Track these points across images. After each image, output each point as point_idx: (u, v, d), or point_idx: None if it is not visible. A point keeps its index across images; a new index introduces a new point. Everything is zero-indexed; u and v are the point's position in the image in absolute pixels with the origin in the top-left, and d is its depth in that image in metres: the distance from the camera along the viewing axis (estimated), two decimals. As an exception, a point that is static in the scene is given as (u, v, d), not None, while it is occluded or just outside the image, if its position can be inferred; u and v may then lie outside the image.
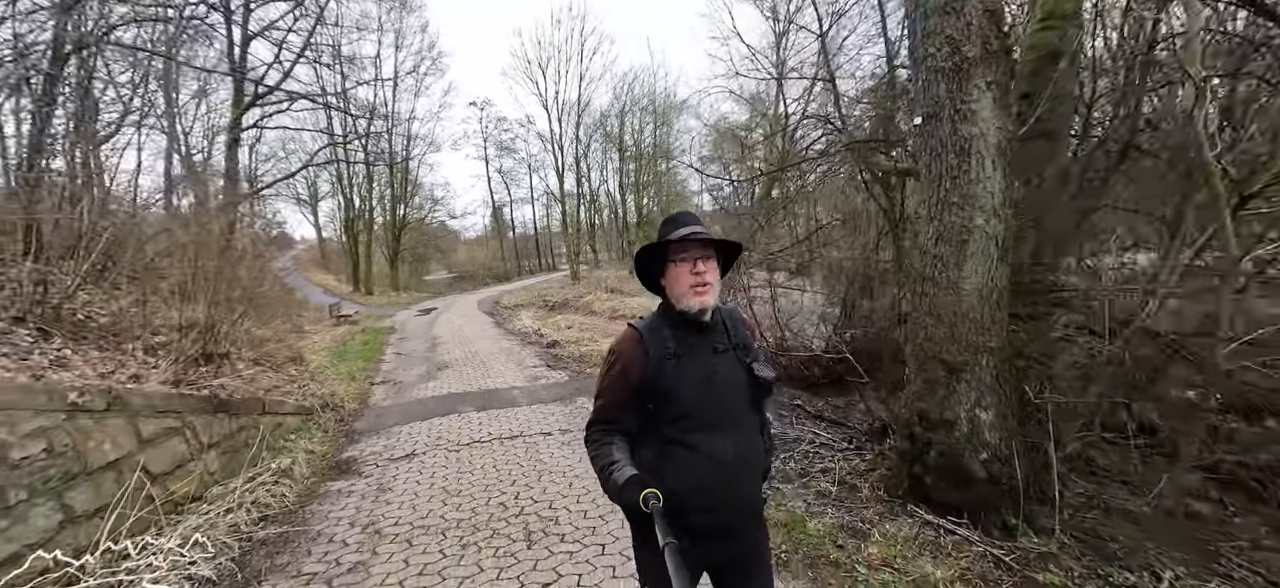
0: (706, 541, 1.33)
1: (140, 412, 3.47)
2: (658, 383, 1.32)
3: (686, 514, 1.27)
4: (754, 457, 1.44)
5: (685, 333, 1.37)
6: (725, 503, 1.36)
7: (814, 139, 8.56)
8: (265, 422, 4.76)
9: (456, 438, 5.03)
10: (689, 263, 1.34)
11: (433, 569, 2.88)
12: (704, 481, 1.33)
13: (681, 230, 1.37)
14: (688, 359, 1.35)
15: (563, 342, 10.46)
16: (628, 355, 1.36)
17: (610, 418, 1.38)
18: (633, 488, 1.22)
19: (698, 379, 1.35)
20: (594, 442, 1.39)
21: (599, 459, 1.34)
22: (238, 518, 3.47)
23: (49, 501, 2.79)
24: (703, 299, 1.35)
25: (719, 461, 1.34)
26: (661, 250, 1.38)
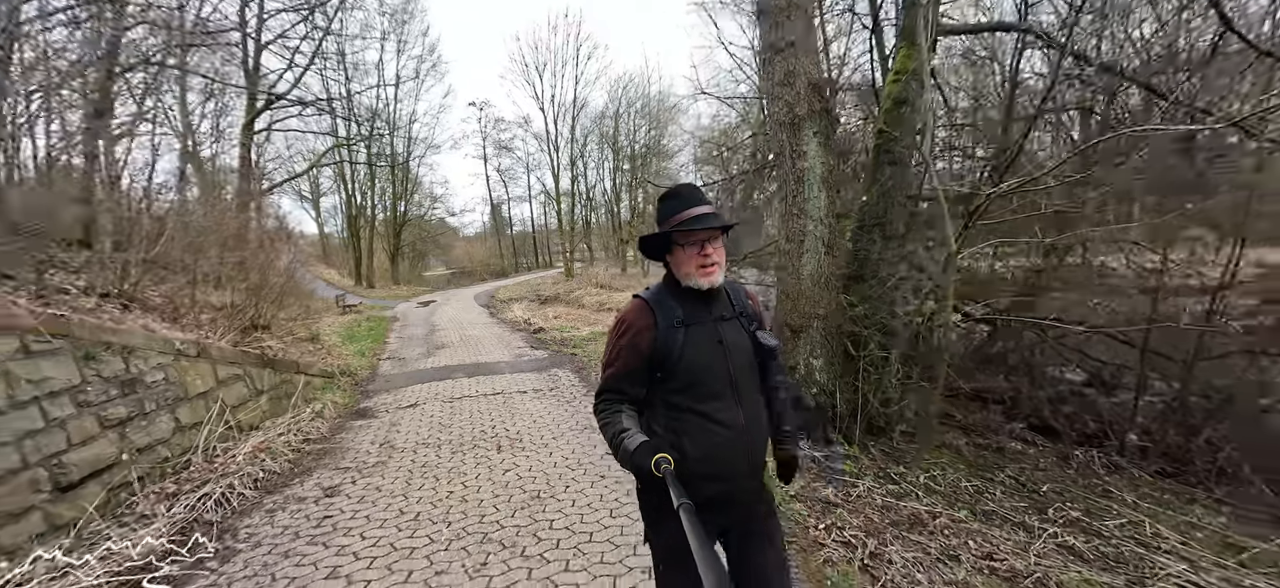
0: (717, 508, 1.34)
1: (217, 360, 4.73)
2: (667, 351, 1.34)
3: (698, 482, 1.25)
4: (761, 423, 1.45)
5: (691, 303, 1.40)
6: (737, 470, 1.38)
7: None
8: (299, 379, 6.02)
9: (450, 394, 6.29)
10: (696, 247, 1.37)
11: (431, 467, 4.13)
12: (717, 448, 1.34)
13: (687, 213, 1.38)
14: (696, 327, 1.37)
15: (548, 329, 11.71)
16: (637, 325, 1.38)
17: (619, 387, 1.39)
18: (644, 453, 1.22)
19: (706, 346, 1.37)
20: (603, 411, 1.40)
21: (610, 428, 1.35)
22: (288, 439, 4.72)
23: (166, 412, 4.05)
24: (712, 279, 1.38)
25: (731, 427, 1.35)
26: (666, 233, 1.40)
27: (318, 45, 18.47)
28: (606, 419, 1.38)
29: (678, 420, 1.35)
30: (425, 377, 7.43)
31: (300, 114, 19.46)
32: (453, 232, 46.38)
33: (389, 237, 34.15)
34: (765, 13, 3.86)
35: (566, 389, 6.25)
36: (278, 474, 4.09)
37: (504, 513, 3.29)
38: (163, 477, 3.74)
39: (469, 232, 47.91)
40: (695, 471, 1.27)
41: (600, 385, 1.43)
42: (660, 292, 1.43)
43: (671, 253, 1.41)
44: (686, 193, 1.44)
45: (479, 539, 3.00)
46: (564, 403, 5.64)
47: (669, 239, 1.39)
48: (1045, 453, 4.99)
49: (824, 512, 3.21)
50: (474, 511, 3.35)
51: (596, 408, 1.43)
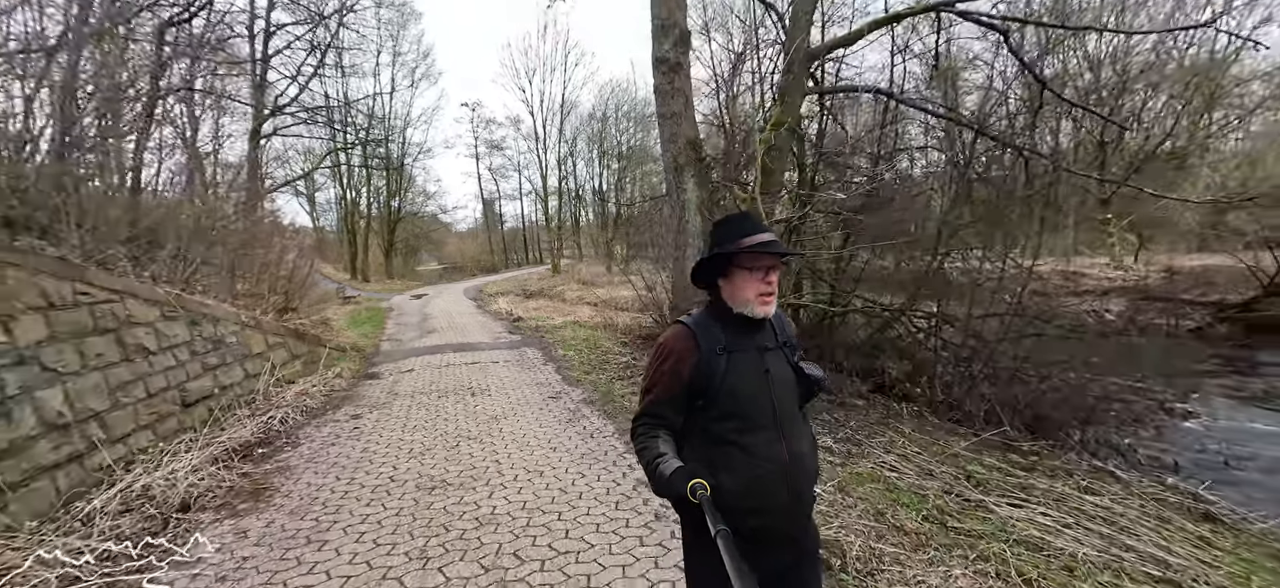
0: (759, 544, 1.29)
1: (267, 332, 6.47)
2: (710, 379, 1.31)
3: (740, 516, 1.20)
4: (807, 458, 1.41)
5: (736, 331, 1.37)
6: (780, 506, 1.34)
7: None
8: (322, 350, 7.75)
9: (438, 363, 8.04)
10: (760, 272, 1.35)
11: (424, 404, 5.88)
12: (757, 481, 1.30)
13: (755, 237, 1.34)
14: (740, 356, 1.35)
15: (526, 318, 13.45)
16: (680, 350, 1.35)
17: (659, 413, 1.36)
18: (681, 478, 1.18)
19: (750, 375, 1.34)
20: (641, 435, 1.36)
21: (647, 452, 1.30)
22: (319, 389, 6.45)
23: (238, 365, 5.78)
24: (769, 308, 1.37)
25: (775, 462, 1.32)
26: (731, 254, 1.35)
27: (321, 58, 20.07)
28: (644, 444, 1.33)
29: (717, 451, 1.32)
30: (419, 352, 9.18)
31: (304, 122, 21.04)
32: (445, 228, 47.96)
33: (383, 233, 35.70)
34: (659, 93, 5.60)
35: (530, 360, 8.02)
36: (315, 409, 5.83)
37: (471, 426, 5.06)
38: (240, 407, 5.48)
39: (461, 227, 49.43)
40: (733, 504, 1.22)
41: (639, 410, 1.40)
42: (704, 318, 1.40)
43: (728, 277, 1.38)
44: (750, 219, 1.45)
45: (454, 438, 4.77)
46: (525, 368, 7.42)
47: (728, 263, 1.36)
48: (873, 407, 6.81)
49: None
50: (452, 425, 5.12)
51: (634, 433, 1.39)
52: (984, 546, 2.89)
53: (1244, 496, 4.70)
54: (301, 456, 4.47)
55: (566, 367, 7.43)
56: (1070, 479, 4.61)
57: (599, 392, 6.07)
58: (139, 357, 4.44)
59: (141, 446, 4.18)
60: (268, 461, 4.36)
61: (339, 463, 4.29)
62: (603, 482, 3.70)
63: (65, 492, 3.47)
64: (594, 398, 5.86)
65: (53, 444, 3.50)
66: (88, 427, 3.80)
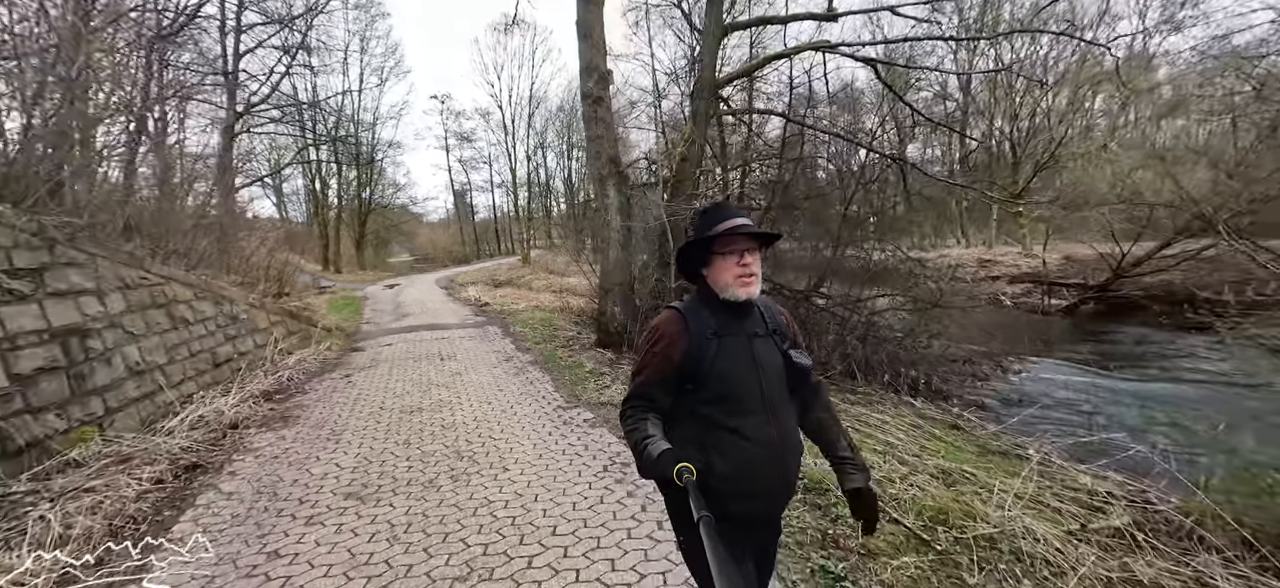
0: (746, 527, 1.32)
1: (269, 311, 7.85)
2: (699, 360, 1.35)
3: (727, 499, 1.24)
4: (794, 443, 1.44)
5: (725, 316, 1.40)
6: (769, 489, 1.39)
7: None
8: (313, 329, 9.13)
9: (413, 339, 9.52)
10: (735, 255, 1.38)
11: (402, 366, 7.38)
12: (748, 464, 1.33)
13: (728, 223, 1.38)
14: (730, 340, 1.38)
15: (492, 305, 14.91)
16: (671, 334, 1.38)
17: (648, 395, 1.38)
18: (667, 460, 1.20)
19: (739, 359, 1.38)
20: (630, 417, 1.38)
21: (635, 434, 1.33)
22: (315, 358, 7.88)
23: (249, 338, 7.18)
24: (750, 289, 1.39)
25: (764, 444, 1.36)
26: (706, 243, 1.39)
27: (291, 60, 20.92)
28: (633, 425, 1.36)
29: (707, 435, 1.34)
30: (396, 331, 10.62)
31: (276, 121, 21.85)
32: (416, 219, 48.51)
33: (354, 224, 36.31)
34: (586, 119, 7.14)
35: (491, 335, 9.57)
36: (314, 371, 7.29)
37: (440, 378, 6.61)
38: (255, 368, 6.90)
39: (433, 218, 50.01)
40: (724, 488, 1.25)
41: (629, 392, 1.43)
42: (694, 303, 1.44)
43: (709, 266, 1.42)
44: (725, 206, 1.48)
45: (426, 385, 6.32)
46: (486, 341, 8.97)
47: (708, 252, 1.40)
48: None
49: (610, 365, 6.63)
50: (424, 378, 6.66)
51: (623, 414, 1.41)
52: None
53: (995, 418, 6.60)
54: (310, 399, 5.96)
55: (521, 340, 9.01)
56: (878, 407, 6.43)
57: (544, 355, 7.67)
58: (182, 327, 5.85)
59: (189, 391, 5.62)
60: (286, 401, 5.84)
61: (340, 402, 5.80)
62: (533, 407, 5.32)
63: (146, 418, 4.91)
64: (538, 360, 7.46)
65: (135, 384, 4.94)
66: (155, 375, 5.24)
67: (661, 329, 1.42)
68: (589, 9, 7.06)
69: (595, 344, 7.86)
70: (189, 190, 11.96)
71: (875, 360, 8.13)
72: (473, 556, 2.81)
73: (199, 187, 14.23)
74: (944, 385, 8.32)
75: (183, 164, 11.43)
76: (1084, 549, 3.03)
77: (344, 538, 3.05)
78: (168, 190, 10.85)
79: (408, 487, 3.67)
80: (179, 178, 10.98)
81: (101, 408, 4.49)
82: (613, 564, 2.68)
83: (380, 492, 3.61)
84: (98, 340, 4.63)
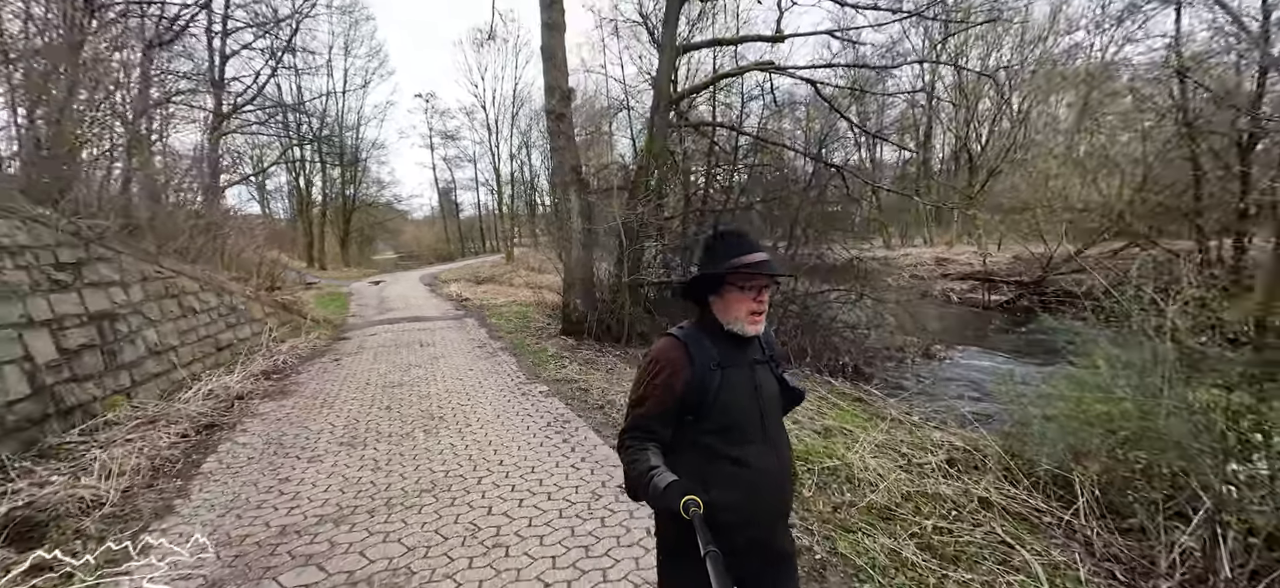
0: (743, 554, 1.30)
1: (263, 303, 8.67)
2: (703, 394, 1.33)
3: (729, 530, 1.22)
4: (789, 468, 1.48)
5: (728, 346, 1.39)
6: (769, 516, 1.39)
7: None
8: (303, 320, 9.95)
9: (397, 329, 10.38)
10: (752, 292, 1.36)
11: (385, 351, 8.25)
12: (750, 493, 1.33)
13: (749, 257, 1.35)
14: (732, 370, 1.37)
15: (473, 300, 15.76)
16: (674, 364, 1.35)
17: (649, 427, 1.35)
18: (674, 493, 1.18)
19: (742, 389, 1.37)
20: (630, 448, 1.35)
21: (637, 465, 1.30)
22: (306, 345, 8.72)
23: (247, 326, 8.01)
24: (759, 327, 1.39)
25: (766, 473, 1.36)
26: (721, 274, 1.36)
27: (277, 62, 21.49)
28: (634, 457, 1.31)
29: (710, 467, 1.32)
30: (380, 323, 11.46)
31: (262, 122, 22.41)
32: (401, 216, 48.87)
33: (339, 222, 36.74)
34: (550, 133, 8.06)
35: (468, 326, 10.46)
36: (306, 356, 8.14)
37: (419, 361, 7.50)
38: (253, 352, 7.73)
39: (418, 216, 50.37)
40: (725, 519, 1.22)
41: (628, 423, 1.39)
42: (694, 332, 1.41)
43: (720, 294, 1.38)
44: (746, 236, 1.44)
45: (406, 366, 7.21)
46: (463, 331, 9.87)
47: (721, 281, 1.36)
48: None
49: (572, 350, 7.58)
50: (405, 361, 7.55)
51: (622, 446, 1.37)
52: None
53: (892, 389, 7.67)
54: (304, 377, 6.83)
55: (495, 329, 9.92)
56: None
57: (514, 343, 8.60)
58: (190, 315, 6.69)
59: (197, 371, 6.46)
60: (283, 379, 6.71)
61: (331, 379, 6.69)
62: (498, 382, 6.26)
63: (163, 391, 5.76)
64: (508, 346, 8.39)
65: (154, 362, 5.79)
66: (170, 355, 6.08)
67: (663, 359, 1.37)
68: (552, 35, 7.99)
69: (560, 332, 8.80)
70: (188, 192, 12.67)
71: (812, 346, 9.18)
72: (437, 478, 3.76)
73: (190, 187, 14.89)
74: (868, 368, 9.40)
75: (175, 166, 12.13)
76: (900, 475, 4.05)
77: (338, 469, 3.97)
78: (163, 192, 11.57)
79: (388, 437, 4.59)
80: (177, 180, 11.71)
81: (129, 380, 5.34)
82: (541, 481, 3.65)
83: (366, 440, 4.53)
84: (124, 324, 5.47)
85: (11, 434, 3.99)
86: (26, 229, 4.66)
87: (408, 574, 2.67)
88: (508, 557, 2.79)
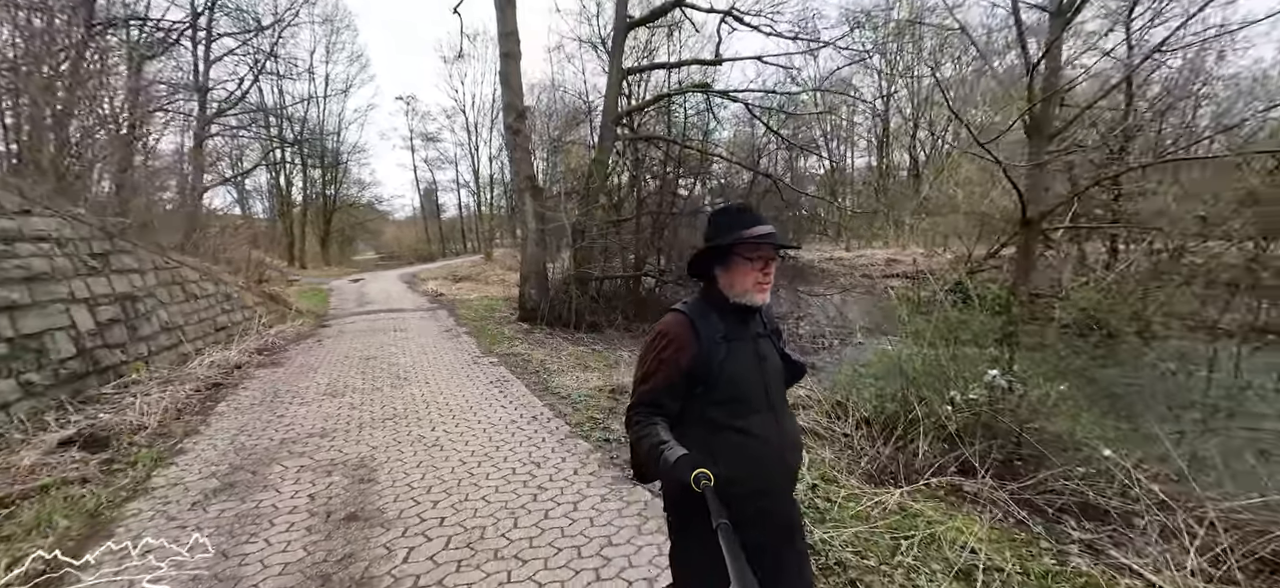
0: (755, 524, 1.31)
1: (254, 293, 9.80)
2: (710, 366, 1.35)
3: (737, 500, 1.22)
4: (795, 439, 1.48)
5: (733, 320, 1.41)
6: (775, 485, 1.42)
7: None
8: (289, 310, 11.07)
9: (374, 318, 11.55)
10: (759, 263, 1.38)
11: (361, 338, 9.44)
12: (756, 464, 1.36)
13: (755, 230, 1.38)
14: (737, 343, 1.39)
15: (447, 295, 16.92)
16: (680, 339, 1.37)
17: (657, 401, 1.37)
18: (685, 466, 1.19)
19: (747, 362, 1.39)
20: (638, 424, 1.36)
21: (647, 440, 1.30)
22: (292, 330, 9.86)
23: (240, 312, 9.15)
24: (765, 296, 1.41)
25: (771, 443, 1.38)
26: (729, 245, 1.38)
27: (261, 67, 22.40)
28: (644, 431, 1.32)
29: (717, 438, 1.35)
30: (359, 313, 12.61)
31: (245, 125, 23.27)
32: (382, 217, 49.43)
33: (319, 222, 37.39)
34: (508, 145, 9.31)
35: (439, 316, 11.67)
36: (293, 338, 9.29)
37: (392, 342, 8.72)
38: (246, 334, 8.87)
39: (399, 216, 50.94)
40: (733, 490, 1.22)
41: (635, 399, 1.40)
42: (700, 306, 1.43)
43: (727, 267, 1.41)
44: (749, 210, 1.47)
45: (381, 345, 8.42)
46: (434, 320, 11.09)
47: (728, 253, 1.39)
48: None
49: (525, 333, 8.85)
50: (379, 342, 8.75)
51: (630, 421, 1.39)
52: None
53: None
54: (292, 353, 8.02)
55: (462, 318, 11.14)
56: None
57: (476, 328, 9.85)
58: (192, 300, 7.83)
59: (200, 346, 7.60)
60: (274, 355, 7.89)
61: (316, 354, 7.89)
62: (457, 355, 7.53)
63: (173, 362, 6.91)
64: (472, 331, 9.64)
65: (166, 337, 6.95)
66: (177, 332, 7.23)
67: (670, 333, 1.39)
68: (508, 63, 9.28)
69: (517, 319, 10.07)
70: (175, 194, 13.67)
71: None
72: (398, 412, 5.03)
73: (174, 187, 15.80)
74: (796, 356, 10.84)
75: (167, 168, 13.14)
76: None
77: (323, 409, 5.22)
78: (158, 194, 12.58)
79: (362, 389, 5.85)
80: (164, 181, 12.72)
81: (146, 351, 6.49)
82: (475, 415, 4.94)
83: (345, 392, 5.78)
84: (142, 304, 6.62)
85: (65, 384, 5.16)
86: (69, 225, 5.81)
87: (371, 462, 3.95)
88: (441, 451, 4.09)
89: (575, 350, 8.28)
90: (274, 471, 3.84)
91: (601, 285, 10.24)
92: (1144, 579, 2.72)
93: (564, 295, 9.74)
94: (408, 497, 3.37)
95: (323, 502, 3.35)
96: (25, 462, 3.90)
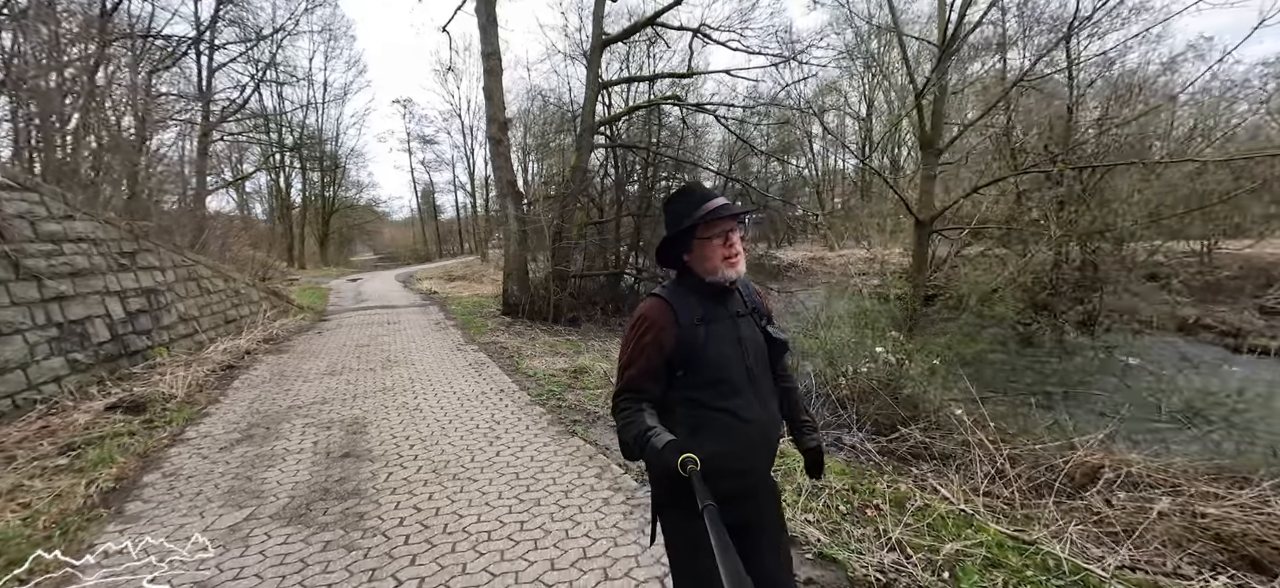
0: (735, 502, 1.33)
1: (258, 289, 10.69)
2: (690, 348, 1.36)
3: (718, 479, 1.22)
4: (776, 417, 1.49)
5: (709, 300, 1.42)
6: (756, 463, 1.43)
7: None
8: (291, 306, 11.96)
9: (371, 313, 12.45)
10: (720, 238, 1.39)
11: (358, 330, 10.34)
12: (738, 443, 1.37)
13: (708, 206, 1.38)
14: (716, 324, 1.40)
15: (440, 293, 17.82)
16: (659, 323, 1.37)
17: (640, 387, 1.38)
18: (671, 452, 1.21)
19: (728, 342, 1.40)
20: (624, 411, 1.37)
21: (634, 427, 1.32)
22: (295, 323, 10.76)
23: (247, 306, 10.04)
24: (738, 268, 1.41)
25: (751, 422, 1.39)
26: (687, 230, 1.39)
27: (261, 74, 23.30)
28: (629, 418, 1.34)
29: (697, 418, 1.37)
30: (356, 310, 13.51)
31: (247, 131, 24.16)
32: (380, 218, 50.25)
33: (318, 223, 38.23)
34: (491, 155, 10.25)
35: (431, 311, 12.58)
36: (295, 330, 10.19)
37: (385, 333, 9.62)
38: (253, 326, 9.76)
39: (397, 217, 51.77)
40: (716, 468, 1.24)
41: (619, 386, 1.41)
42: (677, 290, 1.43)
43: (691, 251, 1.43)
44: (700, 190, 1.46)
45: (375, 336, 9.32)
46: (426, 314, 12.00)
47: (689, 237, 1.40)
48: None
49: (506, 326, 9.75)
50: (374, 333, 9.65)
51: (616, 408, 1.39)
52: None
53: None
54: (296, 342, 8.92)
55: (451, 314, 12.05)
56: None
57: (463, 321, 10.75)
58: (206, 294, 8.73)
59: (213, 336, 8.50)
60: (279, 343, 8.79)
61: (317, 342, 8.79)
62: (442, 342, 8.43)
63: (190, 348, 7.80)
64: (459, 324, 10.54)
65: (183, 327, 7.84)
66: (194, 322, 8.13)
67: (649, 318, 1.39)
68: (490, 78, 10.19)
69: (501, 313, 10.98)
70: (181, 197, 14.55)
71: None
72: (387, 386, 5.94)
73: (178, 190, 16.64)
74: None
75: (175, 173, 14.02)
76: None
77: (324, 384, 6.13)
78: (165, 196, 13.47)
79: (357, 370, 6.76)
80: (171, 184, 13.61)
81: (167, 338, 7.39)
82: (453, 389, 5.85)
83: (342, 372, 6.69)
84: (163, 297, 7.52)
85: (103, 363, 6.06)
86: (102, 227, 6.71)
87: (363, 420, 4.86)
88: (420, 412, 5.00)
89: (550, 340, 9.19)
90: (284, 427, 4.75)
91: (580, 282, 11.15)
92: (939, 493, 3.63)
93: (543, 292, 10.64)
94: (391, 442, 4.28)
95: (323, 447, 4.26)
96: (80, 421, 4.81)
